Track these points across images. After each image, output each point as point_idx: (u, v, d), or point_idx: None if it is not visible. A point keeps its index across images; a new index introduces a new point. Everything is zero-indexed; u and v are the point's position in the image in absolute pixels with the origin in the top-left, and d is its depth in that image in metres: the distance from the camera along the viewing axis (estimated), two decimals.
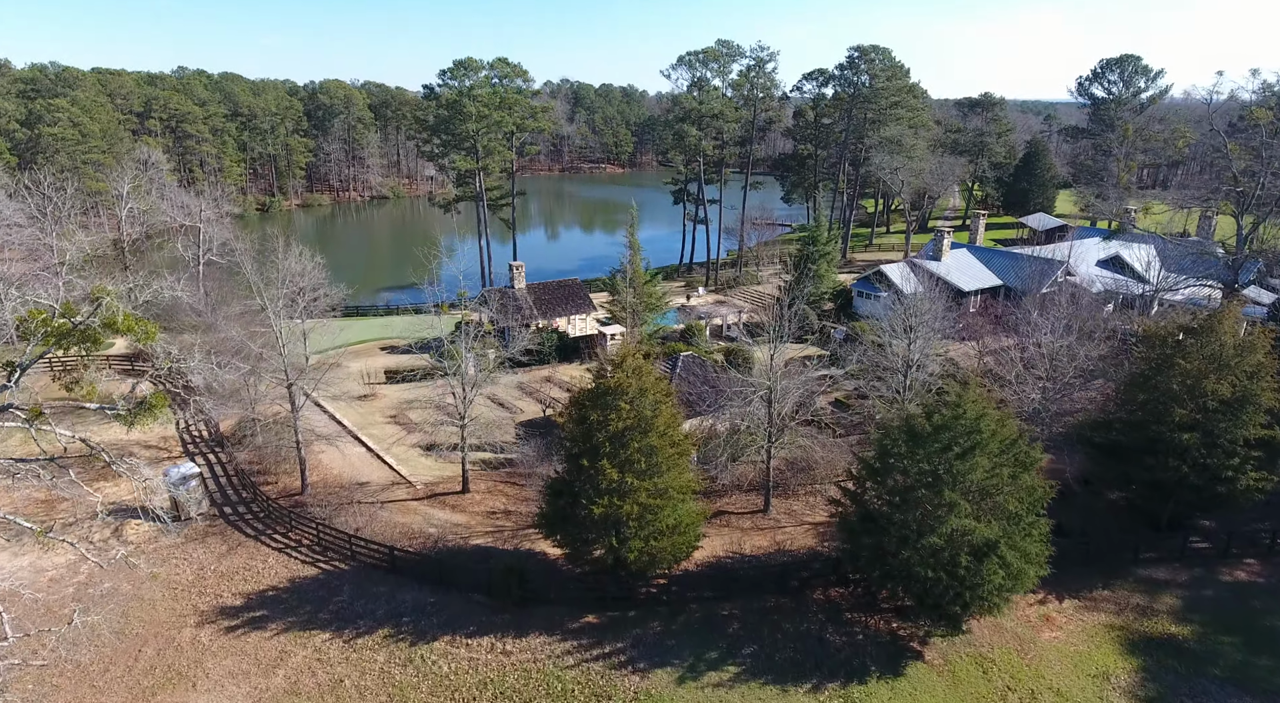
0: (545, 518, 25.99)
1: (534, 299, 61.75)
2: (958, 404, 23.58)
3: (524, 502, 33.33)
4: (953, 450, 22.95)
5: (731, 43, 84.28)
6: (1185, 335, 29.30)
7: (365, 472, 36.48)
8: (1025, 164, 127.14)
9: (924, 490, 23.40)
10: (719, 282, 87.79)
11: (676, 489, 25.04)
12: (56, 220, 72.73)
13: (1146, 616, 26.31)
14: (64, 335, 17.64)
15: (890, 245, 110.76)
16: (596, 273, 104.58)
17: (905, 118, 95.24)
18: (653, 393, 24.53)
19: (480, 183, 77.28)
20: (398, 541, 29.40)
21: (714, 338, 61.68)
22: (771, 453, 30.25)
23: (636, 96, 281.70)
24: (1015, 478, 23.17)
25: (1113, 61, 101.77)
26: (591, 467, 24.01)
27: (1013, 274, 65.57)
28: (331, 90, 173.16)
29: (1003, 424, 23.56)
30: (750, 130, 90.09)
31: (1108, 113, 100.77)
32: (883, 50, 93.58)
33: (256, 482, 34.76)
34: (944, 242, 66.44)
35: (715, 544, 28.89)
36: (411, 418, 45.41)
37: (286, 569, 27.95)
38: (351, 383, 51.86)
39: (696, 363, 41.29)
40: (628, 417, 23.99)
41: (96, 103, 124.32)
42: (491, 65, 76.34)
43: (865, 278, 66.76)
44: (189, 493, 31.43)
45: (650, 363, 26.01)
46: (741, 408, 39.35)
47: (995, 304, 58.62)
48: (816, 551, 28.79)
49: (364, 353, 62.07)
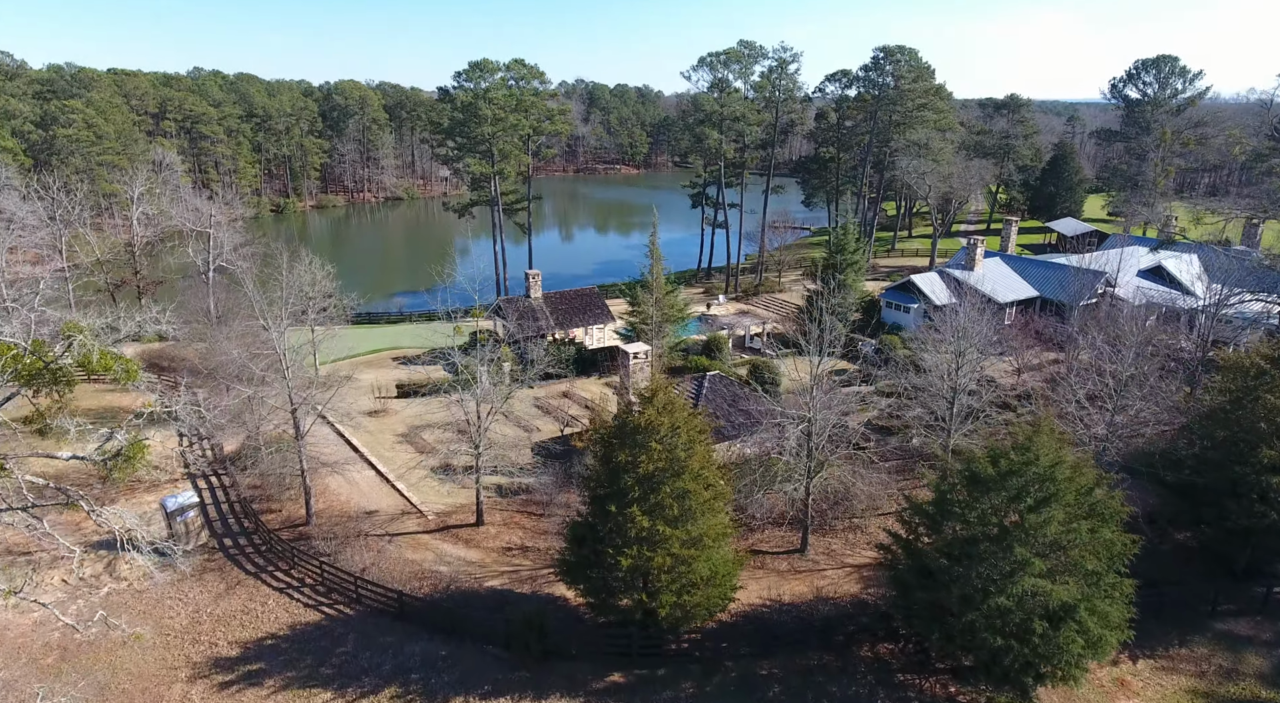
0: (567, 566, 23.79)
1: (550, 309, 59.66)
2: (1026, 447, 21.15)
3: (542, 536, 31.16)
4: (1023, 501, 20.52)
5: (754, 43, 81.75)
6: (1271, 366, 26.62)
7: (374, 498, 34.45)
8: (1052, 167, 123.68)
9: (988, 544, 20.98)
10: (739, 288, 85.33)
11: (712, 537, 22.76)
12: (66, 224, 71.51)
13: (1231, 679, 23.73)
14: (34, 376, 15.64)
15: (913, 250, 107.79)
16: (612, 278, 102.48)
17: (932, 120, 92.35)
18: (686, 430, 22.26)
19: (495, 187, 75.29)
20: (407, 581, 27.31)
21: (736, 349, 59.33)
22: (810, 489, 27.86)
23: (652, 97, 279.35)
24: (1094, 532, 20.69)
25: (1148, 62, 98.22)
26: (619, 513, 21.79)
27: (1050, 285, 62.65)
28: (347, 91, 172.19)
29: (1079, 471, 21.08)
30: (772, 133, 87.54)
31: (1143, 115, 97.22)
32: (909, 51, 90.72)
33: (259, 508, 32.83)
34: (977, 250, 63.65)
35: (750, 590, 26.58)
36: (424, 437, 43.40)
37: (288, 613, 25.93)
38: (362, 398, 49.96)
39: (724, 383, 38.96)
40: (659, 458, 21.74)
41: (111, 104, 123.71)
42: (508, 67, 74.31)
43: (895, 288, 64.11)
44: (187, 524, 29.51)
45: (681, 397, 23.79)
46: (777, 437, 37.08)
47: (1034, 317, 55.83)
48: (861, 599, 26.40)
49: (376, 364, 60.27)
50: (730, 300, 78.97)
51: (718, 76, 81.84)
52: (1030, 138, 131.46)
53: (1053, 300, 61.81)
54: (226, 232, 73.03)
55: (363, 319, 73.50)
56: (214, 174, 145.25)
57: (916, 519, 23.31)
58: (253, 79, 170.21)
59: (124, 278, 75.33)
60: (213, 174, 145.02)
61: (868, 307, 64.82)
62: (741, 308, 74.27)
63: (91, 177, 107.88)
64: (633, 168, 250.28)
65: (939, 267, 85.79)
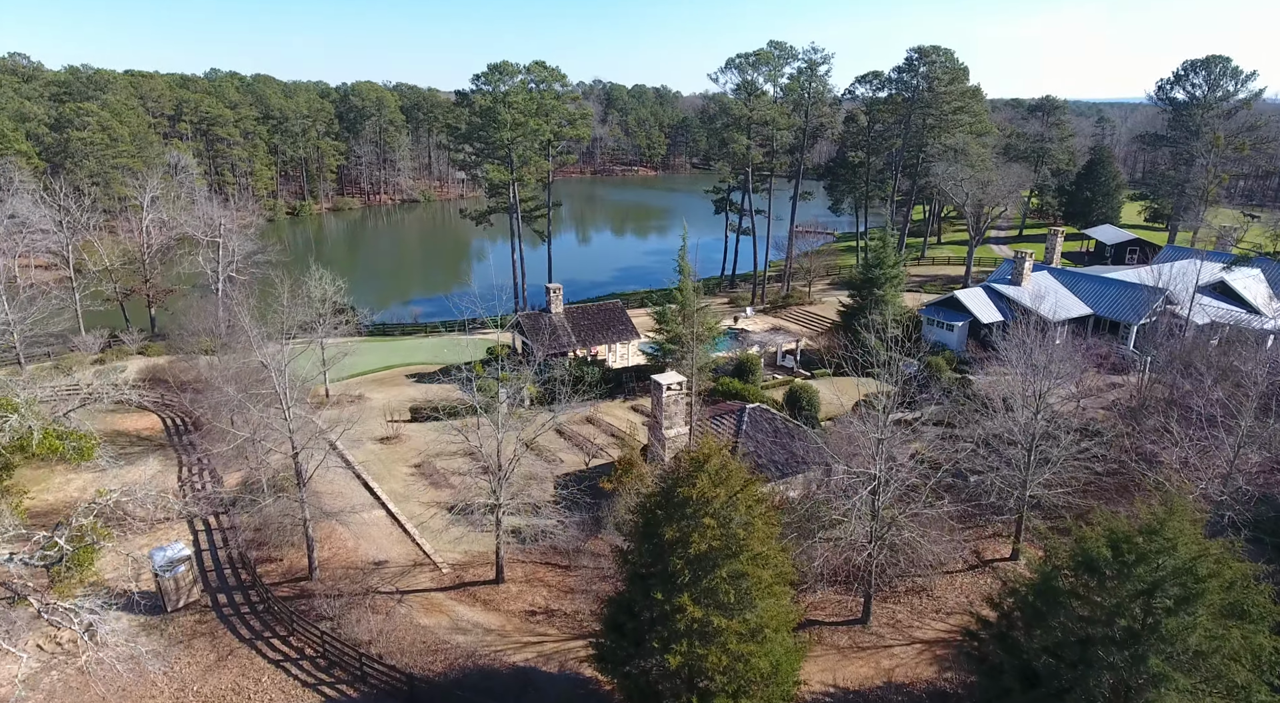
0: (601, 655, 20.57)
1: (572, 325, 56.54)
2: (1153, 530, 17.65)
3: (568, 595, 27.98)
4: (1158, 600, 17.04)
5: (784, 44, 78.17)
6: None
7: (384, 546, 31.45)
8: (1088, 171, 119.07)
9: (1111, 647, 17.53)
10: (765, 298, 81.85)
11: (774, 626, 19.46)
12: (73, 231, 69.43)
13: None
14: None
15: (944, 258, 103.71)
16: (633, 285, 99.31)
17: (968, 124, 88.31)
18: (744, 502, 18.98)
19: (514, 194, 72.29)
20: (419, 656, 24.20)
21: (768, 368, 55.88)
22: (874, 553, 24.43)
23: (670, 97, 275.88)
24: (1247, 639, 17.16)
25: (1198, 63, 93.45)
26: (666, 601, 18.54)
27: (1106, 302, 58.67)
28: (363, 92, 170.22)
29: (1224, 564, 17.55)
30: (802, 137, 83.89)
31: (1191, 119, 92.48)
32: (945, 51, 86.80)
33: (259, 557, 29.93)
34: (1025, 264, 59.72)
35: (809, 672, 23.21)
36: (438, 467, 40.43)
37: (283, 694, 22.91)
38: (373, 421, 47.11)
39: (765, 417, 35.61)
40: (713, 536, 18.47)
41: (127, 106, 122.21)
42: (528, 69, 71.30)
43: (937, 304, 60.35)
44: (177, 580, 26.63)
45: (721, 436, 20.51)
46: (824, 477, 33.62)
47: (1095, 341, 51.78)
48: (939, 688, 22.94)
49: (389, 381, 57.44)
50: (758, 312, 75.50)
51: (746, 78, 78.39)
52: (1065, 141, 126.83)
53: (1107, 319, 57.84)
54: (238, 239, 70.71)
55: (376, 331, 70.88)
56: (230, 176, 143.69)
57: (1014, 607, 19.87)
58: (270, 80, 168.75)
59: (134, 287, 73.20)
60: (228, 176, 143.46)
61: (908, 323, 61.07)
62: (771, 322, 70.74)
63: (106, 180, 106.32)
64: (650, 169, 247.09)
65: (978, 278, 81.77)
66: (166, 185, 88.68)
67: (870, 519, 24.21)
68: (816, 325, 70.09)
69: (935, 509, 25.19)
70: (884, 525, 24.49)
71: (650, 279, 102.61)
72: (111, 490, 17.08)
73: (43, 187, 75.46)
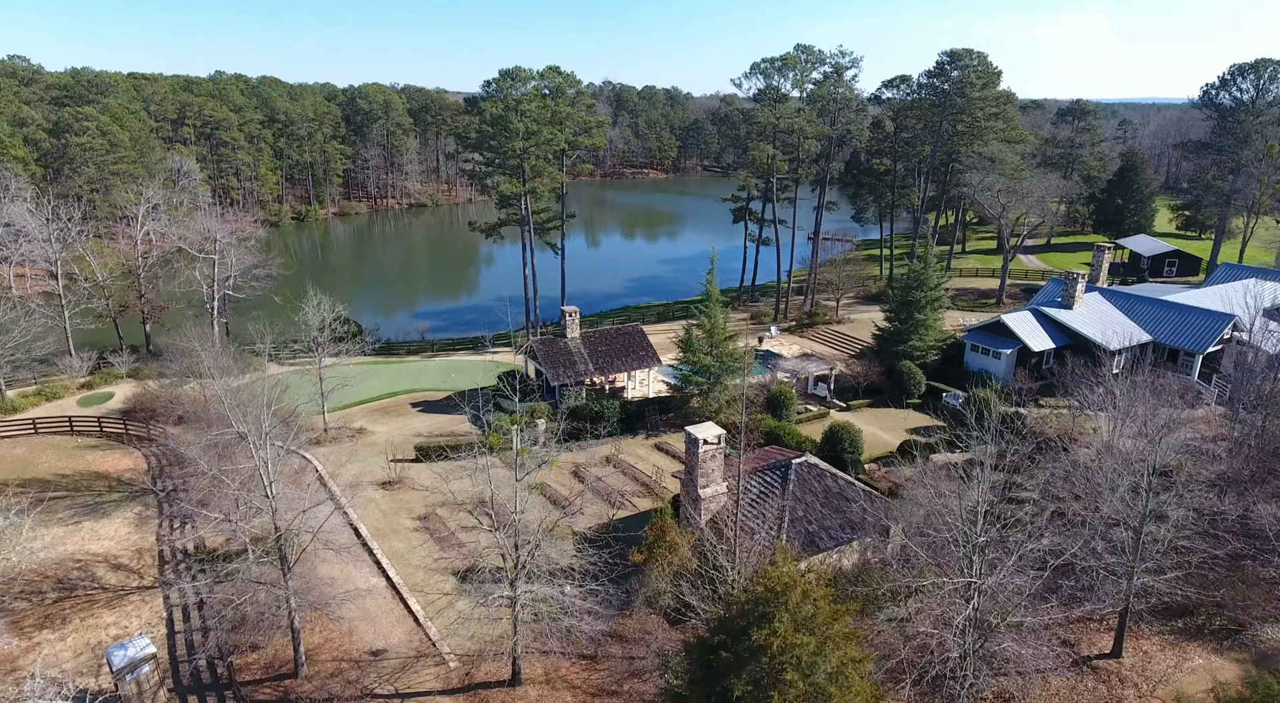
0: None
1: (589, 351, 52.52)
2: None
3: (597, 699, 23.99)
4: None
5: (811, 47, 73.94)
6: None
7: (383, 629, 27.54)
8: (1120, 178, 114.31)
9: None
10: (789, 314, 77.68)
11: None
12: (64, 244, 65.96)
13: None
14: None
15: (971, 269, 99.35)
16: (647, 297, 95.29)
17: (1001, 131, 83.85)
18: (833, 649, 14.93)
19: (526, 206, 68.35)
20: None
21: (800, 397, 51.67)
22: (969, 674, 20.26)
23: (681, 99, 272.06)
24: None
25: (1245, 67, 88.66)
26: None
27: (1165, 328, 54.16)
28: (370, 94, 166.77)
29: None
30: (827, 145, 79.67)
31: (1238, 125, 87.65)
32: (978, 54, 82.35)
33: (239, 642, 26.07)
34: (1077, 286, 55.23)
35: None
36: (445, 520, 36.54)
37: None
38: (374, 460, 43.33)
39: (814, 474, 31.47)
40: (796, 695, 14.43)
41: (128, 110, 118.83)
42: (541, 74, 67.34)
43: (981, 329, 55.98)
44: (139, 683, 22.79)
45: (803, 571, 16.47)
46: (878, 542, 29.55)
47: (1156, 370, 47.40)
48: None
49: (393, 410, 53.61)
50: (783, 332, 71.31)
51: (770, 83, 74.26)
52: (1096, 147, 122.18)
53: (1167, 346, 53.36)
54: (236, 253, 67.08)
55: (381, 351, 67.12)
56: (234, 182, 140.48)
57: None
58: (275, 83, 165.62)
59: (127, 302, 69.68)
60: (232, 182, 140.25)
61: (950, 348, 56.84)
62: (798, 343, 66.57)
63: (106, 186, 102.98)
64: (661, 172, 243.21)
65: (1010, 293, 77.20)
66: (169, 192, 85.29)
67: (962, 635, 20.07)
68: (848, 347, 65.90)
69: (1043, 616, 21.02)
70: (981, 636, 20.37)
71: (666, 291, 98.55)
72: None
73: (32, 197, 72.08)
